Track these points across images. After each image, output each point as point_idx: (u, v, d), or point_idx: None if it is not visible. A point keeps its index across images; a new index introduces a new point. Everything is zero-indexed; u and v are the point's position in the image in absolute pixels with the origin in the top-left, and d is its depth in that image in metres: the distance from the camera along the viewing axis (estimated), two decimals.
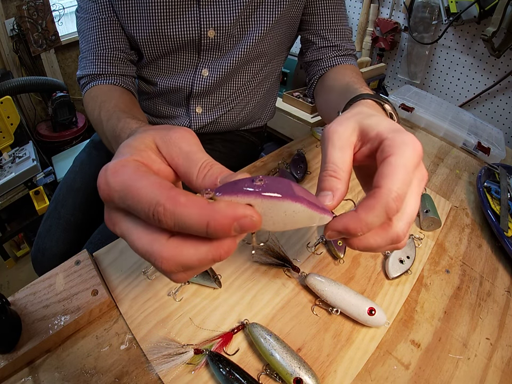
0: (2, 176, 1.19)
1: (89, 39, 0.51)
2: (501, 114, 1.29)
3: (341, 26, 0.58)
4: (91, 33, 0.51)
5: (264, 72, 0.66)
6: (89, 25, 0.51)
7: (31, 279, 0.36)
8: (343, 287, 0.38)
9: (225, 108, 0.66)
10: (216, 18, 0.52)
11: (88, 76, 0.52)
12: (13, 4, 1.52)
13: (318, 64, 0.59)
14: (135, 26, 0.52)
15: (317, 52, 0.59)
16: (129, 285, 0.38)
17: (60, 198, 0.66)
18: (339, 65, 0.58)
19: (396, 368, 0.35)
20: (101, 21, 0.51)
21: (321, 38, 0.58)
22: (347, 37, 0.59)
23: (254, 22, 0.54)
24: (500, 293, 0.45)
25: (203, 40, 0.54)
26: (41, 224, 0.64)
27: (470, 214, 0.58)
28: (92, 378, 0.31)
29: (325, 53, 0.58)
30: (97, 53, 0.51)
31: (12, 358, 0.30)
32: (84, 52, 0.53)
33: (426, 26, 1.33)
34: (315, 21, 0.58)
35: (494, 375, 0.36)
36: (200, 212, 0.17)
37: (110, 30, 0.51)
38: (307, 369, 0.31)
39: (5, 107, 1.14)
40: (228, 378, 0.30)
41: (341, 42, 0.58)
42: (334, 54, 0.58)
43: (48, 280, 0.37)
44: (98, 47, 0.51)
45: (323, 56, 0.58)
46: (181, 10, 0.51)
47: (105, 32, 0.51)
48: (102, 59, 0.51)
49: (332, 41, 0.58)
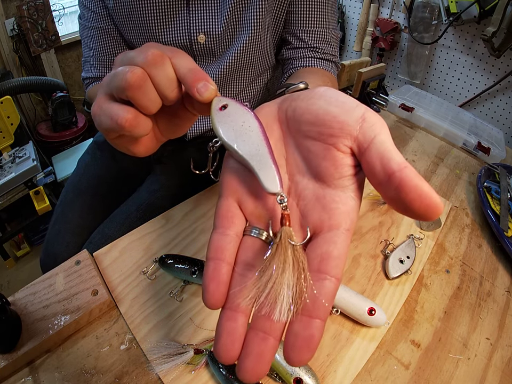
0: (2, 176, 1.19)
1: (91, 46, 0.56)
2: (501, 114, 1.29)
3: (321, 28, 0.55)
4: (92, 41, 0.56)
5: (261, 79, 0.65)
6: (90, 33, 0.56)
7: (31, 279, 0.36)
8: (343, 287, 0.38)
9: None
10: (205, 23, 0.52)
11: (92, 78, 0.58)
12: (13, 3, 1.52)
13: (291, 63, 0.57)
14: (131, 33, 0.54)
15: (292, 51, 0.57)
16: (129, 285, 0.38)
17: (67, 201, 0.65)
18: (311, 67, 0.55)
19: (396, 368, 0.35)
20: (100, 30, 0.55)
21: (297, 38, 0.56)
22: (326, 41, 0.56)
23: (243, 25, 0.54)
24: (499, 293, 0.45)
25: (194, 46, 0.54)
26: (49, 229, 0.63)
27: (470, 214, 0.58)
28: (92, 378, 0.31)
29: (299, 53, 0.56)
30: (98, 58, 0.57)
31: (12, 358, 0.30)
32: (87, 57, 0.58)
33: (426, 26, 1.33)
34: (293, 20, 0.55)
35: (494, 375, 0.36)
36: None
37: (109, 38, 0.56)
38: (307, 369, 0.31)
39: (5, 107, 1.14)
40: (227, 378, 0.30)
41: (317, 44, 0.55)
42: (309, 55, 0.55)
43: (48, 280, 0.37)
44: (99, 53, 0.56)
45: (297, 55, 0.56)
46: (171, 15, 0.51)
47: (105, 40, 0.56)
48: (103, 64, 0.57)
49: (307, 43, 0.55)
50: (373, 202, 0.54)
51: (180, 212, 0.48)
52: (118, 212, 0.61)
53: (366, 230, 0.49)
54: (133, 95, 0.21)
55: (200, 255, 0.42)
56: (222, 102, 0.22)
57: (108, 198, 0.66)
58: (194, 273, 0.38)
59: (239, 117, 0.22)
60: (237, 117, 0.22)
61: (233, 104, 0.23)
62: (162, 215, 0.48)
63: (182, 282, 0.39)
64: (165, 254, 0.40)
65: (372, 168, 0.18)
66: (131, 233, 0.45)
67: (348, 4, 1.60)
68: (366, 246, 0.47)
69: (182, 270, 0.38)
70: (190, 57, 0.23)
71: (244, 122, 0.22)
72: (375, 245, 0.47)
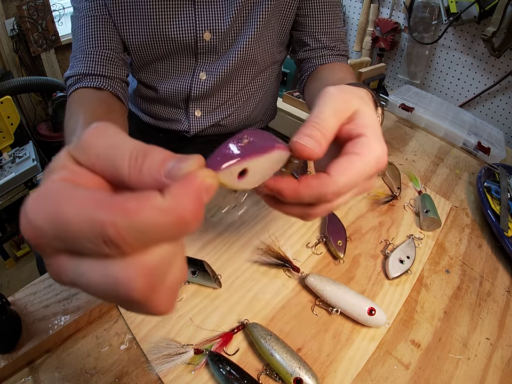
0: (3, 176, 1.20)
1: (80, 37, 0.49)
2: (501, 114, 1.29)
3: (335, 28, 0.59)
4: (82, 31, 0.49)
5: (263, 74, 0.66)
6: (80, 22, 0.49)
7: (31, 279, 0.36)
8: (343, 287, 0.38)
9: (225, 111, 0.66)
10: (212, 20, 0.52)
11: (75, 76, 0.49)
12: (13, 3, 1.52)
13: (310, 61, 0.61)
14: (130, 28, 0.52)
15: (310, 52, 0.61)
16: None
17: None
18: (331, 63, 0.59)
19: (396, 368, 0.35)
20: (92, 18, 0.49)
21: (315, 39, 0.59)
22: (340, 39, 0.61)
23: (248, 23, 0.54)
24: (500, 293, 0.45)
25: (199, 43, 0.54)
26: None
27: (470, 214, 0.58)
28: (92, 378, 0.31)
29: (317, 52, 0.60)
30: (86, 51, 0.49)
31: (12, 358, 0.30)
32: (75, 51, 0.51)
33: (426, 26, 1.33)
34: (309, 23, 0.59)
35: (494, 375, 0.36)
36: (162, 211, 0.13)
37: (102, 27, 0.49)
38: (307, 369, 0.31)
39: (5, 107, 1.14)
40: (227, 378, 0.30)
41: (334, 43, 0.60)
42: (326, 53, 0.59)
43: (48, 280, 0.37)
44: (88, 45, 0.49)
45: (315, 54, 0.60)
46: (176, 12, 0.51)
47: (96, 30, 0.49)
48: (91, 57, 0.49)
49: (325, 43, 0.59)
50: (373, 202, 0.54)
51: None
52: None
53: (366, 230, 0.49)
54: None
55: (200, 255, 0.42)
56: (236, 169, 0.18)
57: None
58: (194, 273, 0.38)
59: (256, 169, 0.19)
60: (255, 172, 0.19)
61: (247, 162, 0.19)
62: None
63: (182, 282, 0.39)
64: None
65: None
66: None
67: (348, 3, 1.60)
68: (366, 246, 0.47)
69: None
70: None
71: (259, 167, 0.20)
72: (375, 245, 0.47)
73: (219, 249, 0.43)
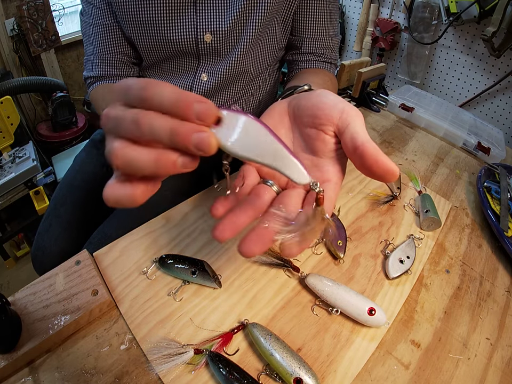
0: (2, 176, 1.20)
1: (94, 44, 0.56)
2: (501, 114, 1.29)
3: (327, 36, 0.61)
4: (95, 38, 0.55)
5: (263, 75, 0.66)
6: (93, 30, 0.55)
7: (31, 279, 0.36)
8: (343, 287, 0.38)
9: None
10: (213, 22, 0.53)
11: (93, 77, 0.57)
12: (13, 3, 1.52)
13: (297, 64, 0.64)
14: (135, 31, 0.53)
15: (298, 55, 0.63)
16: (129, 285, 0.38)
17: (59, 196, 0.66)
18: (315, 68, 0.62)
19: (395, 368, 0.35)
20: (104, 27, 0.54)
21: (304, 45, 0.61)
22: (330, 47, 0.62)
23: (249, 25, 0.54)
24: (499, 293, 0.45)
25: (200, 45, 0.54)
26: (41, 222, 0.65)
27: (470, 214, 0.58)
28: (92, 378, 0.31)
29: (305, 57, 0.62)
30: (101, 56, 0.56)
31: (12, 358, 0.30)
32: (89, 55, 0.57)
33: (426, 26, 1.33)
34: (300, 28, 0.60)
35: (494, 375, 0.36)
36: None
37: (113, 35, 0.55)
38: (307, 369, 0.31)
39: (5, 107, 1.14)
40: (227, 378, 0.30)
41: (323, 51, 0.62)
42: (313, 59, 0.62)
43: (48, 280, 0.37)
44: (102, 51, 0.56)
45: (303, 58, 0.63)
46: (178, 14, 0.51)
47: (108, 38, 0.55)
48: (106, 62, 0.56)
49: (313, 50, 0.61)
50: (373, 202, 0.54)
51: (180, 212, 0.48)
52: (118, 212, 0.61)
53: (366, 230, 0.49)
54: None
55: (200, 255, 0.42)
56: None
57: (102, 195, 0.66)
58: (194, 273, 0.38)
59: (240, 125, 0.20)
60: (237, 126, 0.20)
61: (227, 113, 0.20)
62: (162, 215, 0.48)
63: (182, 283, 0.39)
64: (165, 254, 0.40)
65: (345, 144, 0.25)
66: (131, 233, 0.45)
67: (347, 3, 1.60)
68: (366, 246, 0.47)
69: (182, 270, 0.38)
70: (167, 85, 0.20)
71: (248, 129, 0.20)
72: (375, 245, 0.47)
73: (219, 249, 0.43)
